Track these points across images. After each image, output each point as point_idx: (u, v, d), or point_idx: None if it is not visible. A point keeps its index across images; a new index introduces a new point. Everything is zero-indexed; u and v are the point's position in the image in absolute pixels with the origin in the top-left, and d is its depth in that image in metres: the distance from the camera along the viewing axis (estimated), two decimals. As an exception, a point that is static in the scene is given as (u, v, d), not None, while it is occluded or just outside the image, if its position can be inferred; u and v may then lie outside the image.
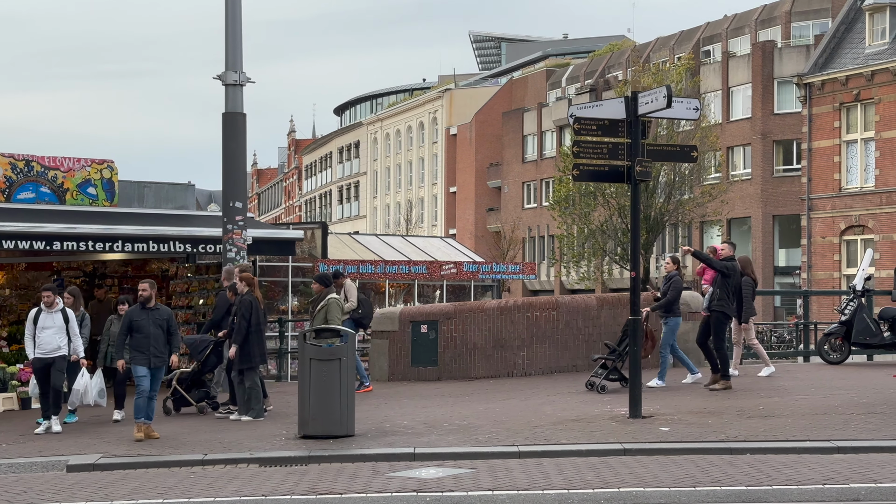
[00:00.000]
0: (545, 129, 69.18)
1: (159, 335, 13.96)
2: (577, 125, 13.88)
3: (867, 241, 40.05)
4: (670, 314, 16.51)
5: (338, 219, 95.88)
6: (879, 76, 39.82)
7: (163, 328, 13.99)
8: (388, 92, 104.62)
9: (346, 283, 18.84)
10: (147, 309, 14.05)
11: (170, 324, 14.09)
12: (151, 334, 13.91)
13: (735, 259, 16.72)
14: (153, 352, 13.88)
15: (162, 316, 14.07)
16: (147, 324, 13.94)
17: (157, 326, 13.97)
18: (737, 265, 16.53)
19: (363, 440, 12.91)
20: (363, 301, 18.94)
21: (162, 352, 13.96)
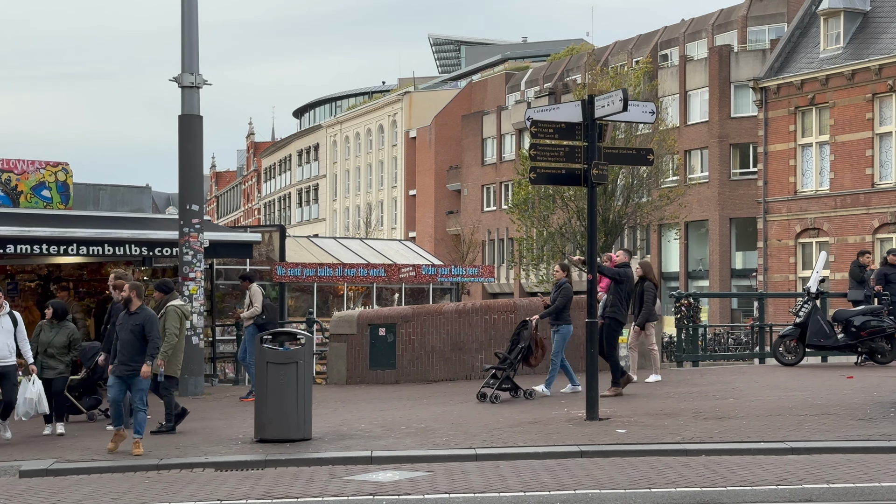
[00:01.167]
0: (504, 132, 69.34)
1: (130, 342, 12.92)
2: (534, 128, 13.92)
3: (822, 243, 40.46)
4: (561, 322, 16.24)
5: (297, 222, 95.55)
6: (834, 80, 40.25)
7: (136, 334, 12.92)
8: (348, 95, 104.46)
9: (253, 287, 18.42)
10: (128, 313, 13.11)
11: (145, 329, 12.94)
12: (122, 340, 13.00)
13: (630, 265, 16.66)
14: (120, 359, 12.95)
15: (136, 321, 13.00)
16: (120, 329, 13.05)
17: (130, 332, 12.95)
18: (630, 271, 16.46)
19: (320, 444, 12.87)
20: (268, 307, 18.45)
21: (133, 359, 12.88)
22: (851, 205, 39.81)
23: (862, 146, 39.39)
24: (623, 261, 16.59)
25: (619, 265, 16.50)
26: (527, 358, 16.32)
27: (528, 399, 15.85)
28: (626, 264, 16.54)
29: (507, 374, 16.06)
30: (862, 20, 41.15)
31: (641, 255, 56.76)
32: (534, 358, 16.39)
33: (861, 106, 39.36)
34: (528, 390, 16.06)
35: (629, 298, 16.40)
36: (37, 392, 14.05)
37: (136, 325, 12.99)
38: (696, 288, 52.68)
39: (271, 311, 18.59)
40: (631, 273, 16.48)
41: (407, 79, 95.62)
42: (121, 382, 13.03)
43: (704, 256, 53.98)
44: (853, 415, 13.35)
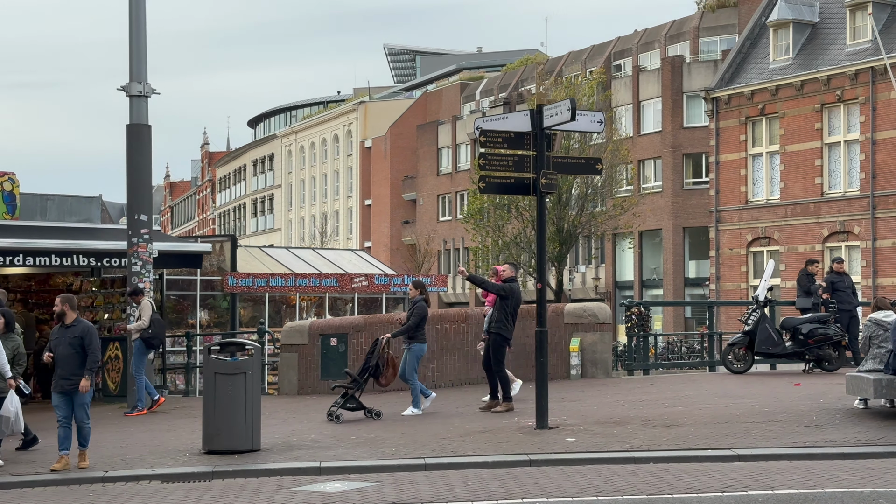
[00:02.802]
0: (459, 141, 69.47)
1: (70, 355, 12.59)
2: (484, 137, 13.95)
3: (773, 252, 40.86)
4: (414, 340, 15.93)
5: (252, 232, 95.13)
6: (784, 91, 40.71)
7: (75, 347, 12.61)
8: (303, 104, 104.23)
9: (143, 301, 18.07)
10: (63, 326, 12.79)
11: (84, 341, 12.64)
12: (60, 355, 12.65)
13: (516, 280, 16.27)
14: (60, 374, 12.60)
15: (73, 333, 12.69)
16: (57, 343, 12.71)
17: (69, 346, 12.63)
18: (517, 286, 16.06)
19: (269, 454, 12.79)
20: (156, 322, 18.08)
21: (74, 373, 12.56)
22: (801, 214, 40.25)
23: (811, 156, 39.86)
24: (509, 275, 16.09)
25: (505, 280, 16.05)
26: (377, 377, 15.86)
27: (375, 419, 15.29)
28: (512, 279, 16.06)
29: (352, 393, 15.60)
30: (811, 31, 41.67)
31: (596, 264, 57.09)
32: (384, 377, 15.87)
33: (810, 116, 39.83)
34: (375, 410, 15.49)
35: (516, 314, 15.92)
36: (14, 410, 13.24)
37: (74, 338, 12.64)
38: (650, 297, 53.03)
39: (158, 326, 18.15)
40: (517, 288, 16.01)
41: (362, 89, 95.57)
42: (67, 399, 12.64)
43: (658, 265, 54.35)
44: (799, 422, 13.46)
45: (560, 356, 19.74)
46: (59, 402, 12.67)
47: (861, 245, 38.39)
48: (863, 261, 38.17)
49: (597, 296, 54.81)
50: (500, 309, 15.67)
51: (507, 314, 15.66)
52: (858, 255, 38.40)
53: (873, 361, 13.96)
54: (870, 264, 37.85)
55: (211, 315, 26.99)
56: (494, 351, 15.74)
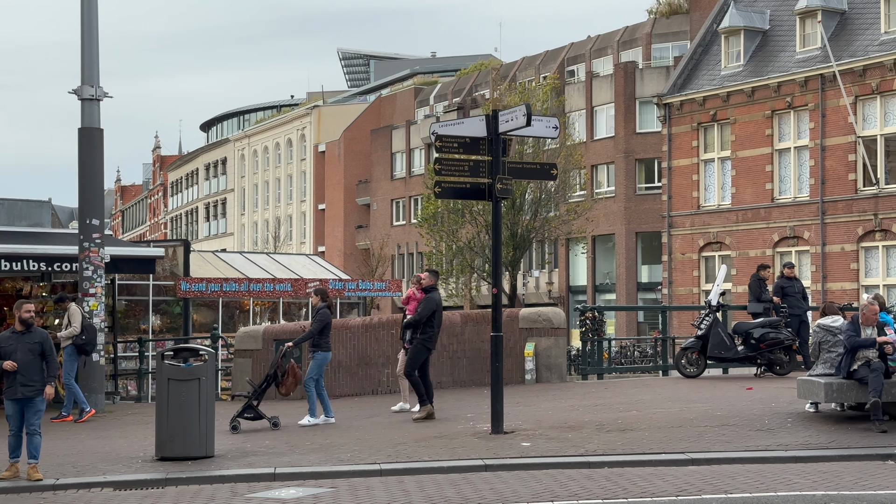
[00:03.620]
0: (414, 146, 69.47)
1: (31, 361, 12.34)
2: (439, 143, 13.96)
3: (725, 257, 41.22)
4: (318, 349, 15.77)
5: (204, 236, 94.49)
6: (735, 97, 41.10)
7: (35, 353, 12.36)
8: (256, 108, 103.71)
9: (71, 307, 17.86)
10: (16, 333, 12.51)
11: (44, 348, 12.42)
12: (19, 362, 12.33)
13: (437, 288, 16.03)
14: (20, 380, 12.30)
15: (34, 339, 12.46)
16: (14, 350, 12.40)
17: (28, 352, 12.36)
18: (437, 295, 15.87)
19: (223, 461, 12.70)
20: (88, 327, 17.89)
21: (34, 380, 12.30)
22: (752, 219, 40.64)
23: (762, 162, 40.25)
24: (430, 283, 15.91)
25: (425, 288, 15.90)
26: (277, 385, 15.68)
27: (274, 428, 15.06)
28: (433, 287, 15.90)
29: (249, 401, 15.46)
30: (761, 39, 42.10)
31: (550, 269, 57.31)
32: (283, 386, 15.68)
33: (761, 122, 40.24)
34: (273, 419, 15.30)
35: (440, 322, 15.81)
36: None
37: (34, 344, 12.46)
38: (603, 301, 53.31)
39: (91, 332, 17.93)
40: (438, 297, 15.79)
41: (316, 93, 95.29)
42: (20, 406, 12.36)
43: (611, 270, 54.64)
44: (752, 425, 13.58)
45: (515, 361, 19.78)
46: (12, 411, 12.39)
47: (810, 250, 38.83)
48: (812, 266, 38.61)
49: (550, 300, 55.01)
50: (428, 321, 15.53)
51: (434, 325, 15.56)
52: (808, 259, 38.84)
53: (824, 366, 14.13)
54: (819, 269, 38.29)
55: (163, 320, 26.79)
56: (414, 357, 15.60)
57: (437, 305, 15.66)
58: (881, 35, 37.28)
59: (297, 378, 15.85)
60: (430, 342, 15.65)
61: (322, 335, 15.72)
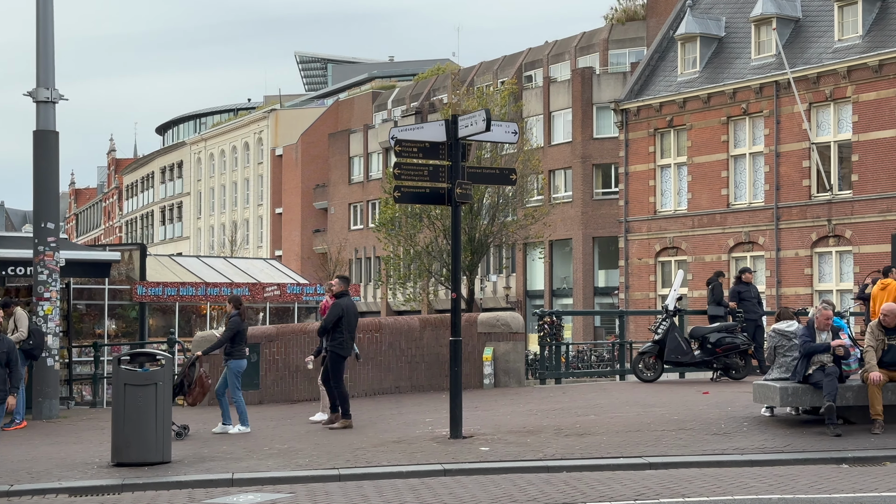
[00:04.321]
0: (371, 150, 69.38)
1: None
2: (399, 147, 13.96)
3: (681, 262, 41.52)
4: (230, 357, 15.54)
5: (160, 240, 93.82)
6: (691, 103, 41.43)
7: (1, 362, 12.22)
8: (213, 111, 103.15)
9: (17, 311, 17.66)
10: None
11: (10, 357, 12.21)
12: None
13: (349, 294, 15.79)
14: None
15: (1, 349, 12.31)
16: None
17: None
18: (350, 301, 15.56)
19: (180, 466, 12.61)
20: (35, 332, 17.72)
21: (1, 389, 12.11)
22: (708, 224, 40.97)
23: (718, 167, 40.61)
24: (341, 290, 15.67)
25: (336, 294, 15.69)
26: (184, 395, 15.41)
27: (180, 438, 14.63)
28: (344, 293, 15.69)
29: None
30: (717, 45, 42.48)
31: (507, 274, 57.44)
32: (189, 396, 15.42)
33: (716, 128, 40.59)
34: (181, 427, 14.86)
35: (352, 329, 15.60)
36: None
37: (1, 354, 12.27)
38: (560, 306, 53.51)
39: (38, 336, 17.72)
40: (351, 304, 15.61)
41: (273, 96, 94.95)
42: None
43: (568, 275, 54.85)
44: (708, 429, 13.68)
45: (473, 365, 19.81)
46: None
47: (765, 255, 39.21)
48: (767, 271, 38.98)
49: (508, 305, 55.12)
50: (335, 327, 15.35)
51: (342, 331, 15.37)
52: (763, 265, 39.20)
53: (779, 370, 14.26)
54: (774, 274, 38.68)
55: (119, 325, 26.57)
56: (333, 368, 15.47)
57: (343, 311, 15.35)
58: (835, 43, 37.74)
59: (204, 389, 15.54)
60: (340, 348, 15.41)
61: (235, 343, 15.43)
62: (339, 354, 15.45)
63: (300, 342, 19.83)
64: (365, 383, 19.97)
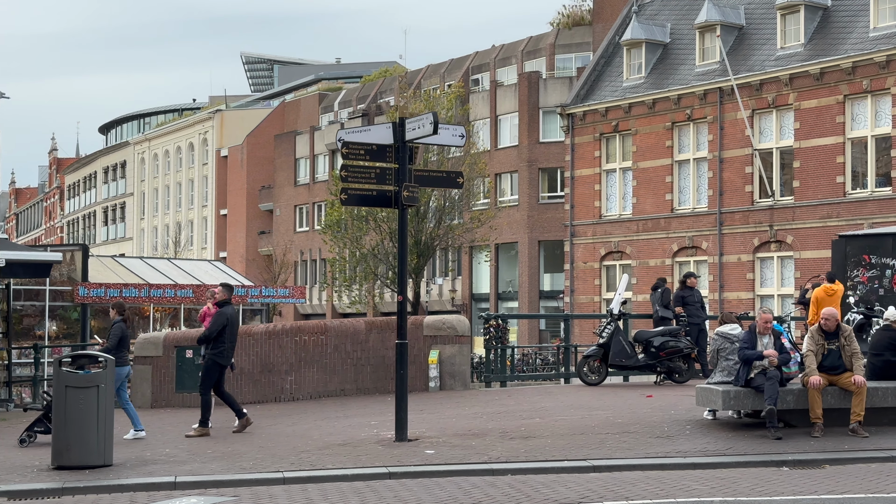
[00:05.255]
0: (318, 152, 69.15)
1: None
2: (346, 149, 13.92)
3: (625, 266, 41.81)
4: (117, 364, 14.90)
5: (102, 241, 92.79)
6: (636, 108, 41.75)
7: None
8: (157, 111, 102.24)
9: None
10: None
11: None
12: None
13: (230, 303, 15.69)
14: None
15: None
16: None
17: None
18: (232, 309, 15.48)
19: (122, 470, 12.48)
20: None
21: None
22: (652, 229, 41.31)
23: (662, 172, 40.95)
24: (223, 298, 15.52)
25: (219, 303, 15.55)
26: None
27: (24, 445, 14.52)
28: (226, 301, 15.48)
29: (44, 414, 14.94)
30: (662, 52, 42.85)
31: (453, 277, 57.50)
32: None
33: (661, 134, 40.94)
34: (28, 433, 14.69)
35: (234, 337, 15.47)
36: None
37: None
38: (505, 309, 53.65)
39: None
40: (234, 312, 15.48)
41: (218, 97, 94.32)
42: None
43: (514, 278, 55.03)
44: (652, 433, 13.79)
45: (419, 368, 19.81)
46: None
47: (708, 260, 39.60)
48: (710, 275, 39.37)
49: (453, 308, 55.18)
50: (217, 335, 15.16)
51: (225, 340, 15.19)
52: (706, 269, 39.59)
53: (722, 374, 14.41)
54: (717, 279, 39.07)
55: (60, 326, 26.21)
56: (206, 373, 15.32)
57: (227, 320, 15.20)
58: (777, 51, 38.23)
59: None
60: (221, 357, 15.25)
61: (118, 350, 15.06)
62: (218, 363, 15.29)
63: (244, 344, 19.70)
64: (310, 386, 19.89)
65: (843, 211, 35.49)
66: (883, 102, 34.92)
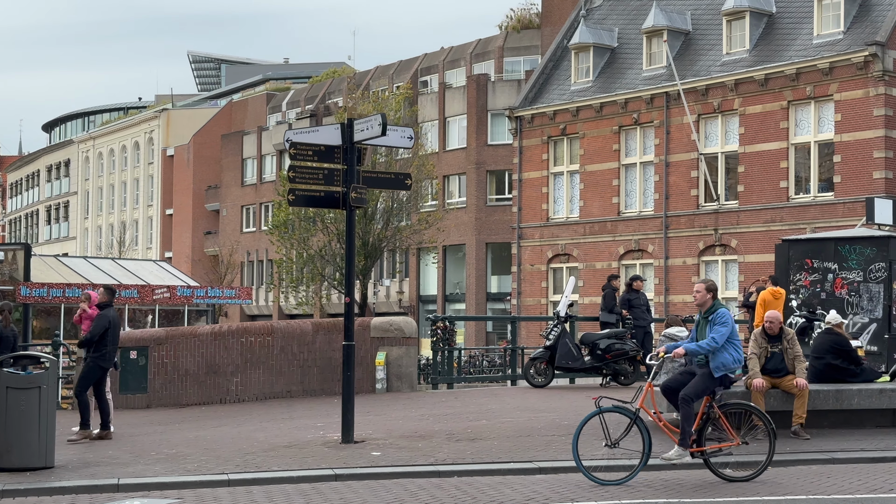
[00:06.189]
0: (265, 152, 68.80)
1: None
2: (294, 150, 13.87)
3: (572, 269, 42.02)
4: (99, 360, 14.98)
5: (45, 240, 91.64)
6: (584, 112, 41.99)
7: None
8: (102, 110, 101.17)
9: None
10: None
11: None
12: None
13: (112, 305, 15.34)
14: None
15: None
16: None
17: None
18: (113, 311, 15.15)
19: (64, 472, 12.32)
20: None
21: None
22: (599, 232, 41.56)
23: (609, 176, 41.22)
24: (104, 300, 15.21)
25: (99, 305, 15.27)
26: None
27: None
28: (107, 304, 15.16)
29: None
30: (610, 56, 43.13)
31: (401, 278, 57.46)
32: None
33: (608, 137, 41.21)
34: None
35: (116, 342, 15.19)
36: None
37: None
38: (453, 311, 53.68)
39: None
40: (116, 314, 15.18)
41: (164, 95, 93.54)
42: None
43: (461, 280, 55.11)
44: (597, 434, 13.75)
45: (366, 370, 19.78)
46: None
47: (654, 263, 39.92)
48: (655, 278, 39.69)
49: (401, 309, 55.15)
50: (100, 338, 14.94)
51: (107, 343, 14.94)
52: (652, 272, 39.91)
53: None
54: (662, 281, 39.40)
55: (1, 326, 25.78)
56: (85, 376, 15.10)
57: (109, 322, 14.96)
58: (723, 56, 38.63)
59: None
60: (103, 360, 15.03)
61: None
62: (101, 366, 15.06)
63: (190, 345, 19.57)
64: (256, 387, 19.79)
65: (786, 215, 35.94)
66: (826, 109, 35.42)
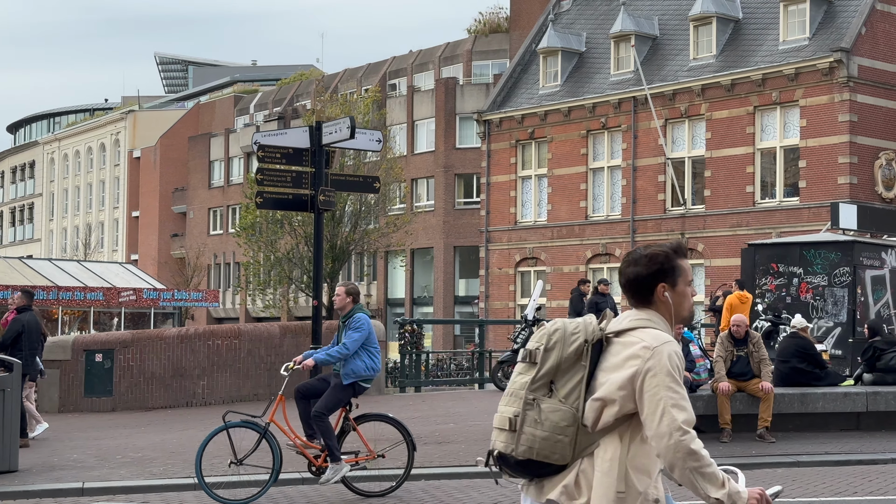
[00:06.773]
0: (233, 155, 68.54)
1: None
2: (262, 153, 13.85)
3: (540, 272, 42.13)
4: None
5: (9, 242, 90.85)
6: (552, 116, 42.12)
7: None
8: (68, 111, 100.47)
9: None
10: None
11: None
12: None
13: (32, 309, 15.05)
14: None
15: None
16: None
17: None
18: (33, 316, 14.83)
19: (27, 475, 12.21)
20: None
21: None
22: (567, 236, 41.70)
23: (577, 180, 41.37)
24: (22, 304, 14.96)
25: (19, 309, 14.95)
26: None
27: None
28: (26, 307, 14.91)
29: None
30: (578, 60, 43.29)
31: (368, 281, 57.37)
32: None
33: (576, 142, 41.36)
34: None
35: (34, 346, 14.82)
36: None
37: None
38: (420, 314, 53.70)
39: None
40: (34, 319, 14.93)
41: (131, 97, 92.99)
42: None
43: (429, 283, 55.11)
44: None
45: (333, 373, 19.70)
46: None
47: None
48: (623, 282, 39.83)
49: (368, 312, 55.02)
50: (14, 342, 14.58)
51: (22, 348, 14.57)
52: (619, 276, 40.06)
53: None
54: (629, 285, 39.54)
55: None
56: None
57: (23, 326, 14.61)
58: (690, 61, 38.87)
59: None
60: (28, 368, 14.49)
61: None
62: None
63: (156, 348, 19.47)
64: (223, 391, 19.70)
65: (752, 220, 36.20)
66: (791, 114, 35.71)
